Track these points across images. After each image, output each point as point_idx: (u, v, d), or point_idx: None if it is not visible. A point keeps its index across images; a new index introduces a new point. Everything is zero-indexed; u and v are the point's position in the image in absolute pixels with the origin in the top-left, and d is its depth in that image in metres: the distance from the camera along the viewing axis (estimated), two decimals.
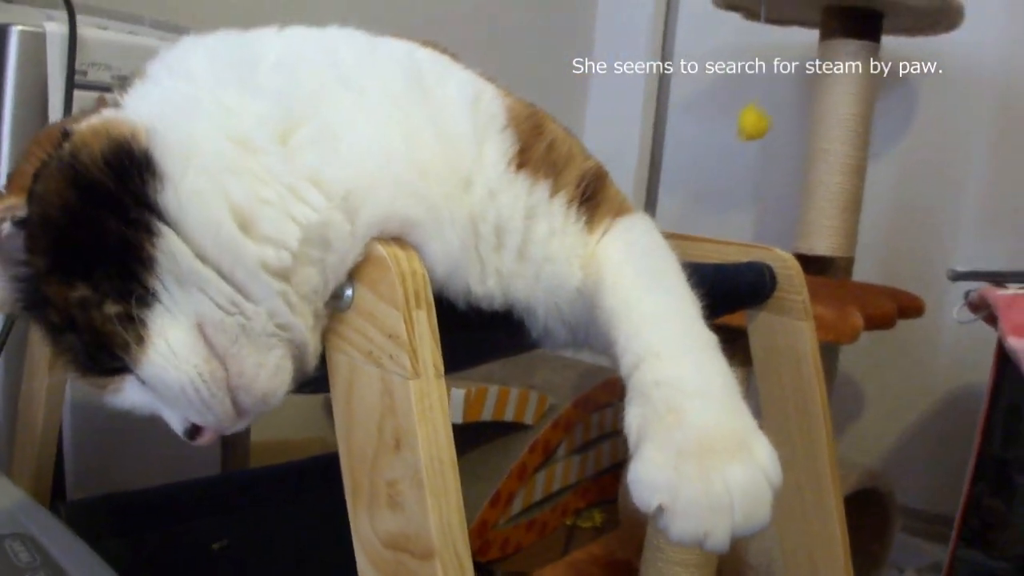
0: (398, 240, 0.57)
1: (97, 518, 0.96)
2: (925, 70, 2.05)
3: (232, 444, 1.31)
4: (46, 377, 0.95)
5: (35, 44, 1.01)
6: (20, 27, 1.01)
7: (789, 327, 0.95)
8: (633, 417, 0.59)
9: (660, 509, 0.54)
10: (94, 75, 1.06)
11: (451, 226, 0.59)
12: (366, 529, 0.56)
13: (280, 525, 1.17)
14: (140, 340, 0.53)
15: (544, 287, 0.65)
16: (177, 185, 0.52)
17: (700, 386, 0.59)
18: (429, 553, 0.52)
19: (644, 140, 2.42)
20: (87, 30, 1.05)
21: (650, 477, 0.55)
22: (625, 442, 2.01)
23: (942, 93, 2.04)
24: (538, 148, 0.65)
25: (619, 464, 2.06)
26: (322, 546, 1.17)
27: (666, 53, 2.41)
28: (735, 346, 1.36)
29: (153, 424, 1.16)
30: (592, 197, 0.67)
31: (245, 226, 0.54)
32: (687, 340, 0.62)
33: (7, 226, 0.56)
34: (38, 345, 0.95)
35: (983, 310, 1.34)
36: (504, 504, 1.74)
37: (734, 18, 1.95)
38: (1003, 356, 1.29)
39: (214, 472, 1.26)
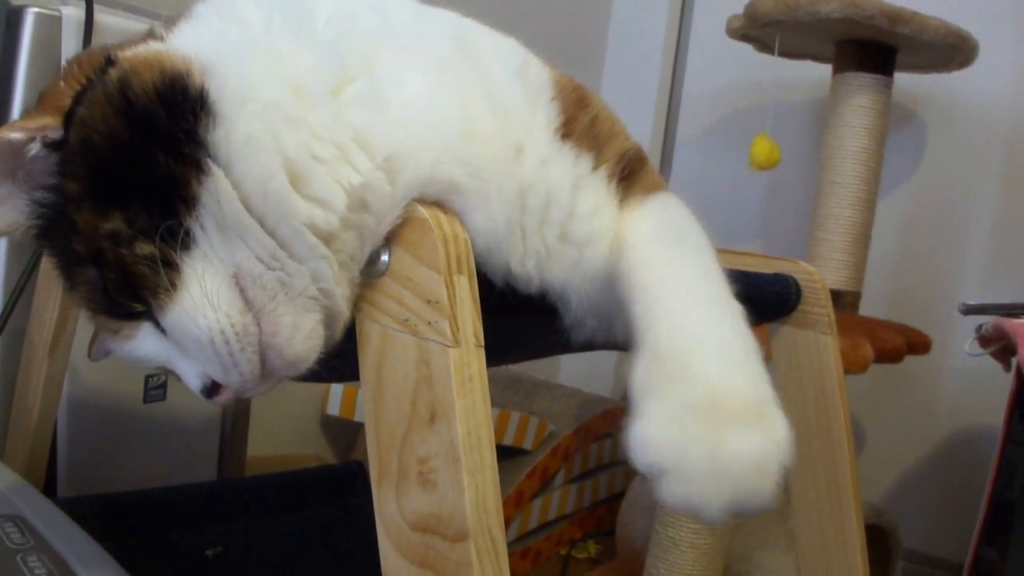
0: (439, 206, 0.55)
1: (88, 517, 0.93)
2: (936, 108, 2.05)
3: (229, 454, 1.27)
4: (44, 364, 0.91)
5: (50, 27, 1.00)
6: (36, 9, 1.00)
7: (813, 341, 0.92)
8: (639, 371, 0.53)
9: (660, 471, 0.48)
10: None
11: (497, 197, 0.56)
12: (392, 511, 0.53)
13: (275, 534, 1.13)
14: (171, 285, 0.51)
15: (582, 272, 0.62)
16: (231, 128, 0.50)
17: (719, 346, 0.53)
18: (462, 535, 0.49)
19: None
20: (103, 16, 1.03)
21: (652, 434, 0.49)
22: (624, 474, 1.96)
23: (952, 131, 2.04)
24: (582, 120, 0.63)
25: (617, 495, 2.02)
26: (317, 557, 1.13)
27: (676, 84, 2.41)
28: None
29: (150, 427, 1.14)
30: (629, 176, 0.65)
31: (296, 182, 0.52)
32: (711, 304, 0.57)
33: (37, 146, 0.53)
34: (37, 331, 0.92)
35: (995, 343, 1.32)
36: None
37: (746, 50, 1.94)
38: (1020, 388, 1.27)
39: (210, 479, 1.23)
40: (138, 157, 0.50)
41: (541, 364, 2.28)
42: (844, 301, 1.77)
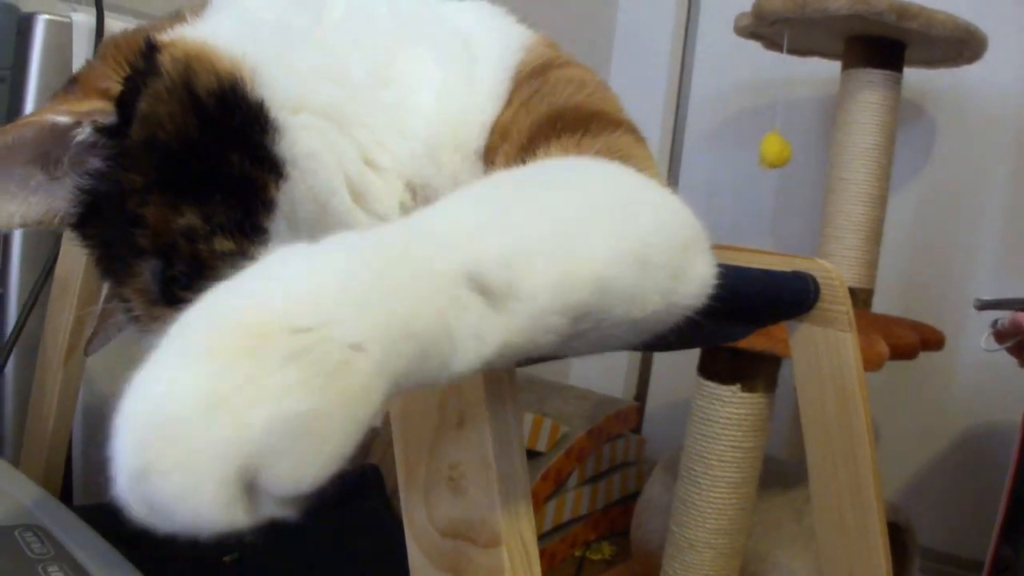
0: None
1: (103, 524, 0.92)
2: (945, 102, 2.04)
3: None
4: (59, 373, 0.91)
5: (61, 34, 1.00)
6: (47, 16, 1.00)
7: (832, 339, 0.92)
8: None
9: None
10: None
11: None
12: (421, 518, 0.52)
13: (292, 539, 1.12)
14: None
15: None
16: (292, 142, 0.51)
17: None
18: (495, 540, 0.48)
19: (660, 170, 2.41)
20: (113, 23, 1.03)
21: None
22: (637, 475, 1.94)
23: (962, 126, 2.03)
24: (523, 92, 0.60)
25: (631, 496, 2.01)
26: (333, 561, 1.13)
27: (684, 83, 2.40)
28: (759, 371, 1.35)
29: None
30: (549, 138, 0.56)
31: (355, 195, 0.53)
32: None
33: (87, 131, 0.52)
34: (51, 339, 0.91)
35: (1011, 338, 1.31)
36: None
37: (754, 48, 1.94)
38: None
39: None
40: (211, 156, 0.50)
41: (552, 365, 2.27)
42: (857, 298, 1.76)
